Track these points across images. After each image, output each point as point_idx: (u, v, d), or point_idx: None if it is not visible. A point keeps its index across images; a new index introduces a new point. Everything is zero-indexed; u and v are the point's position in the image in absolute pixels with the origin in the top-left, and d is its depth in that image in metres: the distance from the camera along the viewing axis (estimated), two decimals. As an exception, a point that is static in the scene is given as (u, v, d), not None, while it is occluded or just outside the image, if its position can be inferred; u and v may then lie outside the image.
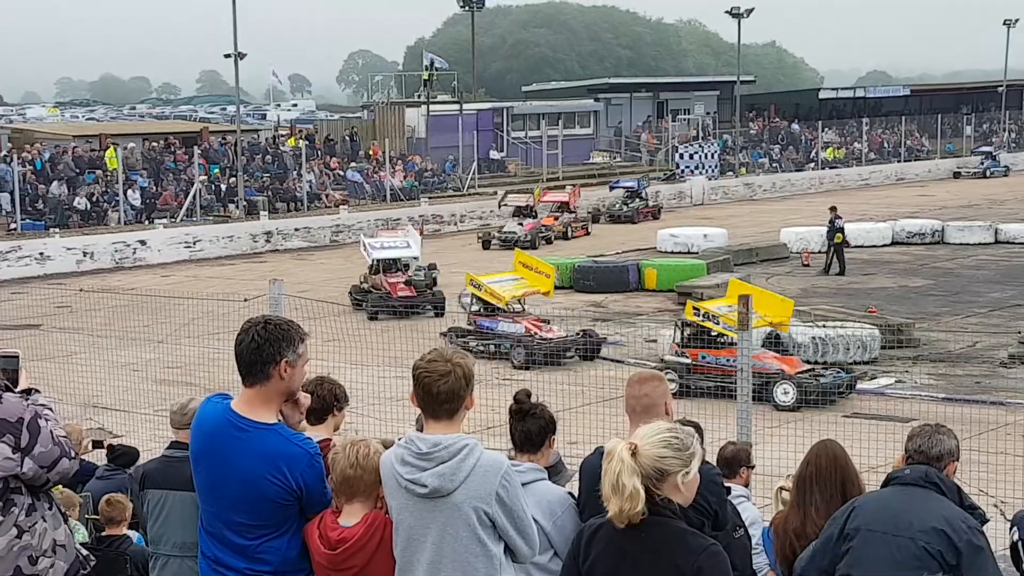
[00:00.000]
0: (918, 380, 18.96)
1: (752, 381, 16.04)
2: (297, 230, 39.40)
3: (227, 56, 42.59)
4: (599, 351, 20.73)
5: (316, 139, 49.61)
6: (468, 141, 50.63)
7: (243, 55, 41.86)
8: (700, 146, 57.97)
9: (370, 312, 24.31)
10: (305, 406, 4.55)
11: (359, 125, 54.10)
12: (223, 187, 42.10)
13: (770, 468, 9.28)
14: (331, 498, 4.41)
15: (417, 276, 26.02)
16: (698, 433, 4.35)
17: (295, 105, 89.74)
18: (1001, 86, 72.73)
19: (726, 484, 5.44)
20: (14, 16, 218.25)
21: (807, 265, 31.99)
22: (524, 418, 4.86)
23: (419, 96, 55.86)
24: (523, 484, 4.54)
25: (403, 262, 26.29)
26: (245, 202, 41.07)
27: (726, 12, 55.70)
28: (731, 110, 62.25)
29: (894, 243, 36.23)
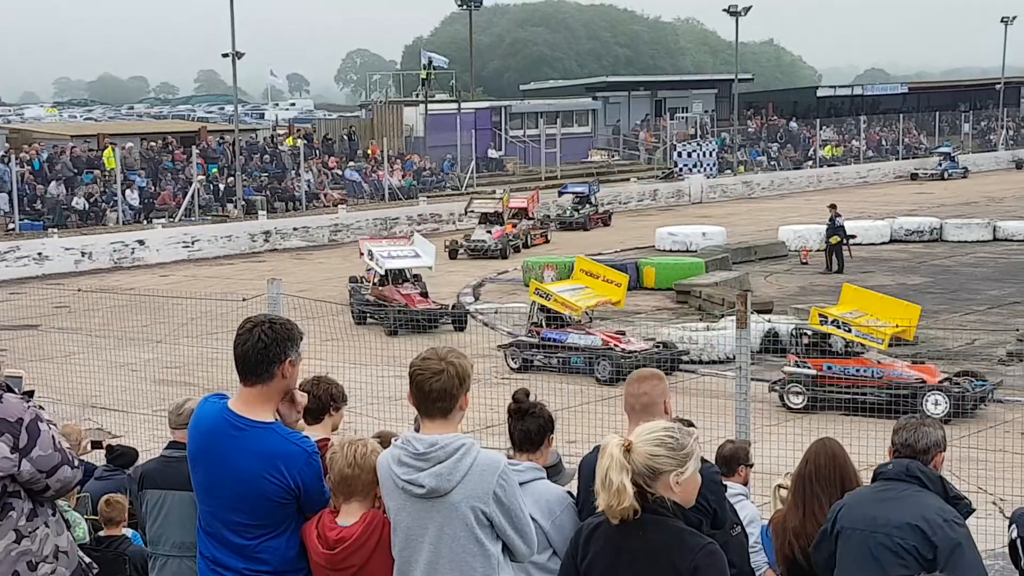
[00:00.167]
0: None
1: (890, 392, 16.03)
2: (295, 229, 39.35)
3: (225, 56, 42.61)
4: (677, 365, 19.07)
5: (314, 138, 49.61)
6: (466, 140, 50.63)
7: (241, 54, 41.85)
8: (698, 144, 58.03)
9: (390, 328, 22.46)
10: (302, 405, 4.55)
11: (357, 124, 54.09)
12: (221, 187, 42.09)
13: (769, 466, 9.28)
14: (329, 497, 4.41)
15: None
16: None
17: (293, 104, 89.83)
18: (999, 83, 72.72)
19: (724, 482, 5.45)
20: (13, 16, 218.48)
21: (805, 263, 31.97)
22: (523, 417, 4.87)
23: (417, 95, 55.85)
24: (522, 483, 4.55)
25: (413, 272, 25.02)
26: (243, 202, 41.05)
27: (724, 10, 55.65)
28: (729, 108, 62.28)
29: (892, 241, 36.21)
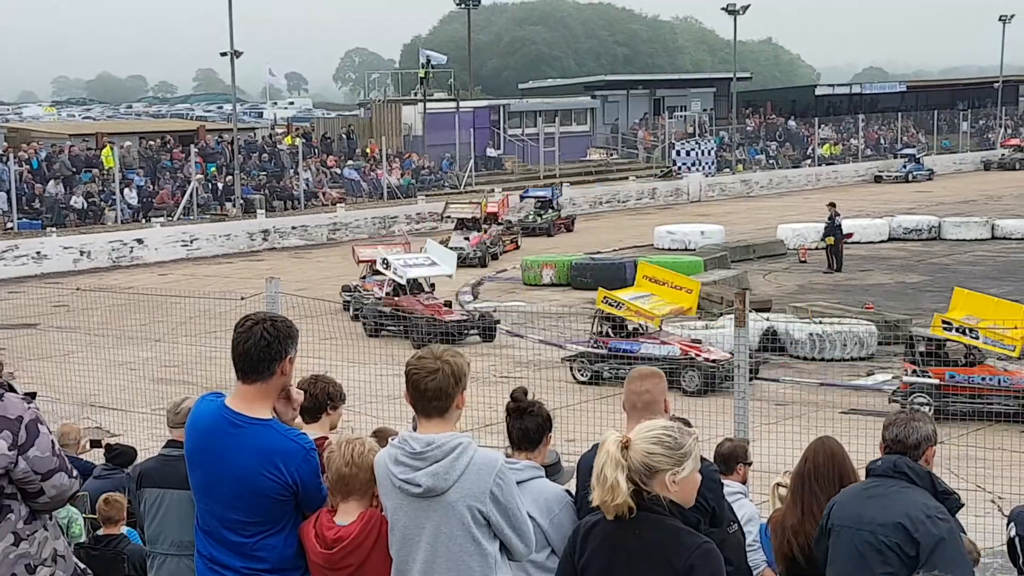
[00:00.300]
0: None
1: (1020, 401, 15.93)
2: (294, 228, 39.36)
3: (223, 54, 42.59)
4: (757, 372, 18.18)
5: (313, 137, 49.59)
6: (465, 139, 50.61)
7: (239, 53, 41.83)
8: (697, 143, 58.02)
9: (418, 342, 20.20)
10: (298, 401, 4.54)
11: (356, 123, 54.08)
12: (220, 185, 42.06)
13: (768, 465, 9.29)
14: (327, 495, 4.40)
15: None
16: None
17: (292, 103, 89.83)
18: (997, 82, 72.73)
19: (723, 481, 5.45)
20: (12, 16, 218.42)
21: (804, 261, 31.99)
22: (522, 416, 4.87)
23: (416, 94, 55.83)
24: (520, 482, 4.55)
25: (430, 281, 23.77)
26: (242, 200, 41.03)
27: (722, 9, 55.69)
28: (728, 107, 62.29)
29: (891, 239, 36.26)
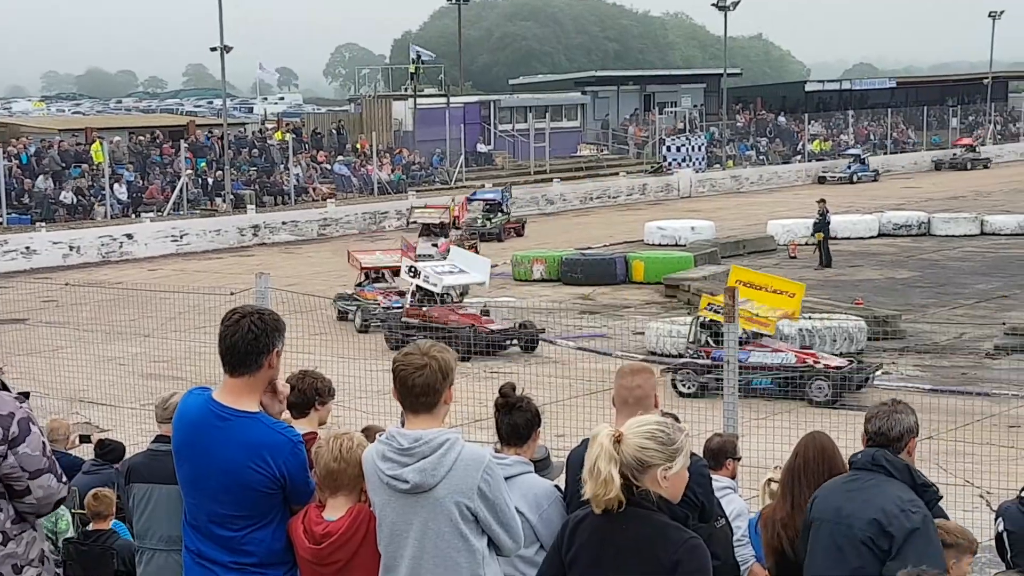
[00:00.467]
0: (904, 371, 18.98)
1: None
2: (284, 224, 39.30)
3: (213, 50, 42.51)
4: (869, 381, 17.52)
5: (303, 132, 49.57)
6: (455, 134, 50.62)
7: (229, 48, 41.77)
8: (687, 139, 58.10)
9: (463, 355, 17.76)
10: (284, 395, 4.53)
11: (346, 118, 54.07)
12: (210, 181, 42.00)
13: (758, 460, 9.30)
14: (314, 489, 4.40)
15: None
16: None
17: (282, 98, 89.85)
18: (987, 78, 72.93)
19: (712, 476, 5.46)
20: (1, 12, 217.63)
21: (794, 257, 32.01)
22: (510, 411, 4.88)
23: (406, 89, 55.80)
24: (509, 477, 4.55)
25: (460, 289, 22.33)
26: (232, 196, 40.98)
27: (712, 5, 55.66)
28: (718, 103, 62.32)
29: (880, 235, 36.31)
